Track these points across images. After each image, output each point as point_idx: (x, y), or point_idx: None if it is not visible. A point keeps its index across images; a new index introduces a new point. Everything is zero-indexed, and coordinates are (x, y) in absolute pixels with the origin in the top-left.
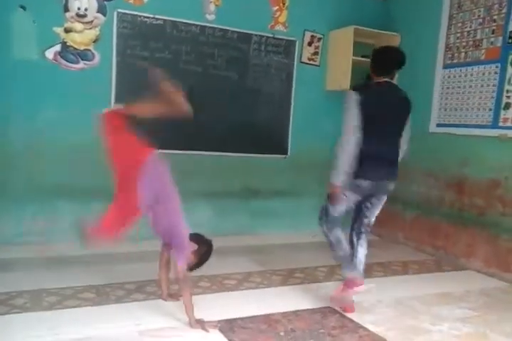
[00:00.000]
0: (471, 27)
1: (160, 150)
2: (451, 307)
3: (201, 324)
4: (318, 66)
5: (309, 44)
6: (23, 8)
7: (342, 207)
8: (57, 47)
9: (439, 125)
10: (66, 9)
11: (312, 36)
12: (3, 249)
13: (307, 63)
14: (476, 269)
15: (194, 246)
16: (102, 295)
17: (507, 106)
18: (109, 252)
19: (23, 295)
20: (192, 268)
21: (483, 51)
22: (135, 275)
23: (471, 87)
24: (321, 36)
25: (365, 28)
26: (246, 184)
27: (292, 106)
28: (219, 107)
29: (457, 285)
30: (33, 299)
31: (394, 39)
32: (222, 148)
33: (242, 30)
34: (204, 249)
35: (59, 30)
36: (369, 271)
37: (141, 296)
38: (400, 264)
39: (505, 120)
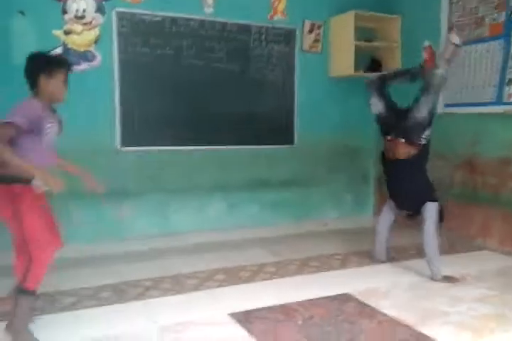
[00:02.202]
0: (472, 4)
1: (170, 147)
2: (468, 288)
3: None
4: (320, 53)
5: (310, 32)
6: (22, 13)
7: None
8: (59, 50)
9: (446, 105)
10: (64, 11)
11: (312, 24)
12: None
13: (309, 51)
14: (491, 249)
15: None
16: (119, 293)
17: (511, 81)
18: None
19: None
20: None
21: (486, 28)
22: (146, 273)
23: (475, 65)
24: (321, 23)
25: (365, 13)
26: (255, 176)
27: (296, 94)
28: (223, 100)
29: (473, 266)
30: (46, 301)
31: (395, 21)
32: (229, 141)
33: (241, 22)
34: None
35: (58, 32)
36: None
37: (157, 293)
38: (414, 248)
39: (510, 96)
